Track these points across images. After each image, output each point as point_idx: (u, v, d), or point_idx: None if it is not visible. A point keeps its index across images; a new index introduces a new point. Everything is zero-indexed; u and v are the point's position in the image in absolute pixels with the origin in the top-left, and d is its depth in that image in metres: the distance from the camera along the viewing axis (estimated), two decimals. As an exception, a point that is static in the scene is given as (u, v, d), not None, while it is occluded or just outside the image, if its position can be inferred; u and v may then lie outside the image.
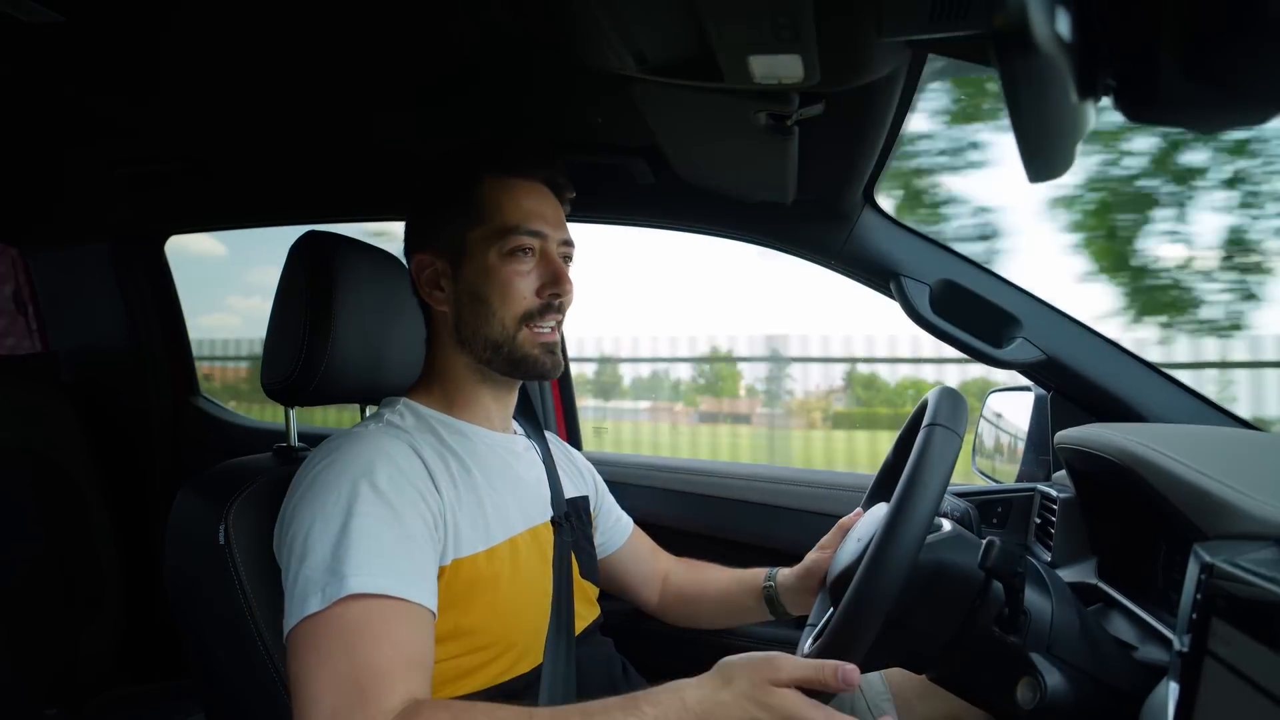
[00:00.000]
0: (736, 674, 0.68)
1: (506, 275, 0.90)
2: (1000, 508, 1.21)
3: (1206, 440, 0.81)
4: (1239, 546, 0.61)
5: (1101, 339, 1.17)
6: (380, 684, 0.67)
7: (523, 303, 0.90)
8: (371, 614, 0.71)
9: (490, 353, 0.91)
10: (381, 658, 0.69)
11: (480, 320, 0.90)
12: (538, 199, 0.94)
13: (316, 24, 0.86)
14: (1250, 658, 0.52)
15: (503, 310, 0.90)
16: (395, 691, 0.68)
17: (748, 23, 0.64)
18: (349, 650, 0.69)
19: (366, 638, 0.69)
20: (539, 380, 0.97)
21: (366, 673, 0.68)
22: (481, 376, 0.95)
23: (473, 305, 0.91)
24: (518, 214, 0.91)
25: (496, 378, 0.95)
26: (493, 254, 0.90)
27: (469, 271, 0.91)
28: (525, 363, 0.92)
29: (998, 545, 0.74)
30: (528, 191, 0.93)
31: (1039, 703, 0.73)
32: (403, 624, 0.72)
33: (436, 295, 0.93)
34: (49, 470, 1.61)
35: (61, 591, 1.59)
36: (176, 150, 1.35)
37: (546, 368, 0.93)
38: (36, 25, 0.87)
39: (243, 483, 0.89)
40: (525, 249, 0.90)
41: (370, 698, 0.66)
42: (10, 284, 2.08)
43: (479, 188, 0.92)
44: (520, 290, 0.90)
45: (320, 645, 0.70)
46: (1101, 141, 4.44)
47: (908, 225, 1.25)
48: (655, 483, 1.50)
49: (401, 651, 0.70)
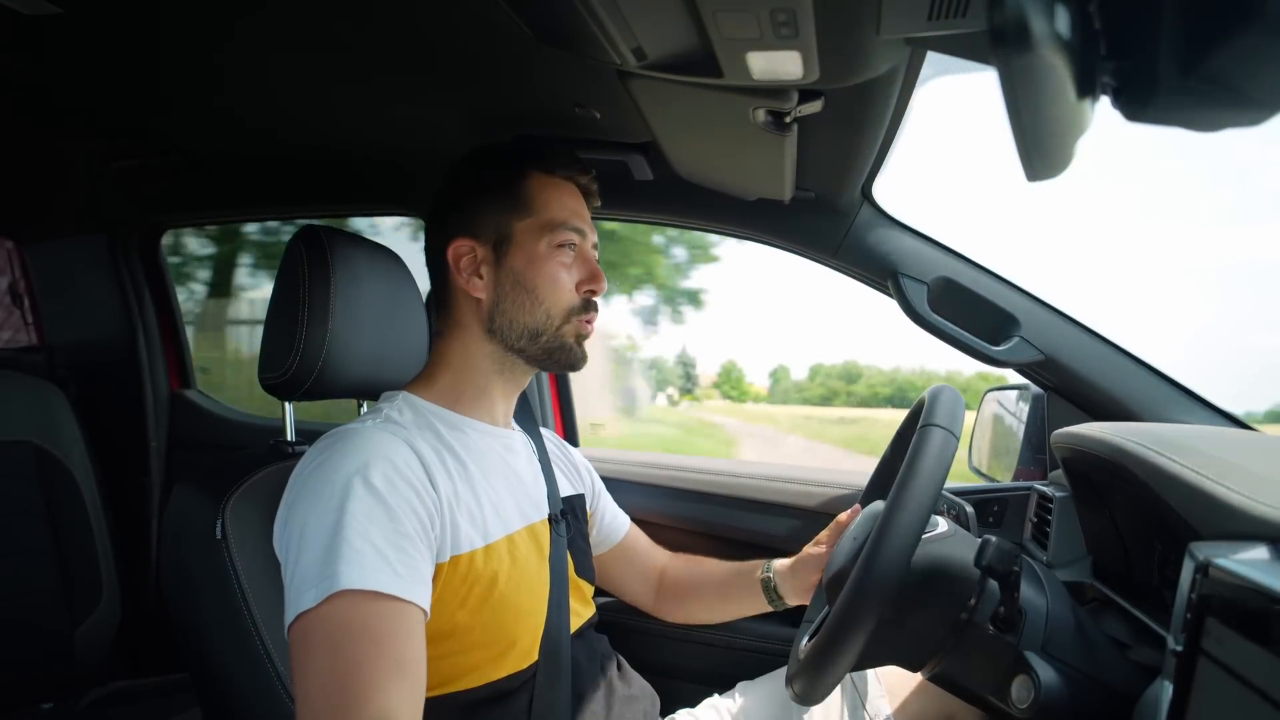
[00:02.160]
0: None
1: (554, 267, 0.93)
2: (996, 506, 1.21)
3: (1202, 440, 0.81)
4: (1234, 546, 0.62)
5: (1099, 338, 1.17)
6: (364, 689, 0.67)
7: (568, 295, 0.94)
8: (361, 611, 0.70)
9: (525, 341, 0.94)
10: (365, 657, 0.68)
11: (521, 308, 0.93)
12: (577, 199, 0.99)
13: (314, 18, 0.86)
14: (1244, 657, 0.52)
15: (550, 300, 0.93)
16: (374, 699, 0.67)
17: (747, 20, 0.63)
18: (337, 649, 0.69)
19: (354, 636, 0.69)
20: (567, 371, 0.99)
21: (353, 675, 0.67)
22: (500, 368, 0.96)
23: (515, 293, 0.93)
24: (564, 211, 0.95)
25: (516, 369, 0.97)
26: (543, 244, 0.93)
27: (516, 260, 0.93)
28: (560, 351, 0.95)
29: (994, 544, 0.74)
30: (570, 191, 0.98)
31: (1034, 701, 0.73)
32: (393, 622, 0.71)
33: (475, 282, 0.95)
34: (45, 463, 1.60)
35: (58, 585, 1.58)
36: (173, 143, 1.35)
37: (578, 358, 0.97)
38: (33, 18, 0.87)
39: (240, 477, 0.89)
40: (570, 244, 0.95)
41: (349, 704, 0.66)
42: (6, 277, 2.08)
43: (526, 181, 0.95)
44: (565, 283, 0.94)
45: (311, 642, 0.70)
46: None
47: (906, 224, 1.25)
48: (651, 480, 1.50)
49: (389, 652, 0.70)
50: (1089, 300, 47.20)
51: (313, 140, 1.28)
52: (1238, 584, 0.55)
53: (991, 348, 1.19)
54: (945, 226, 53.44)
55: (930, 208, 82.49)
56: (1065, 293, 35.09)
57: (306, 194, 1.59)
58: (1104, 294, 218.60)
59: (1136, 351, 1.15)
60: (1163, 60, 0.36)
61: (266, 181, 1.53)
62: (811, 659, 0.72)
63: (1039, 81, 0.36)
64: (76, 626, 1.59)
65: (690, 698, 1.13)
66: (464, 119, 1.12)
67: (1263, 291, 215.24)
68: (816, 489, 1.39)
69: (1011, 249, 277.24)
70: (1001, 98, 0.38)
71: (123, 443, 1.88)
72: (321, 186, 1.53)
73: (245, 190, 1.58)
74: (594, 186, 1.02)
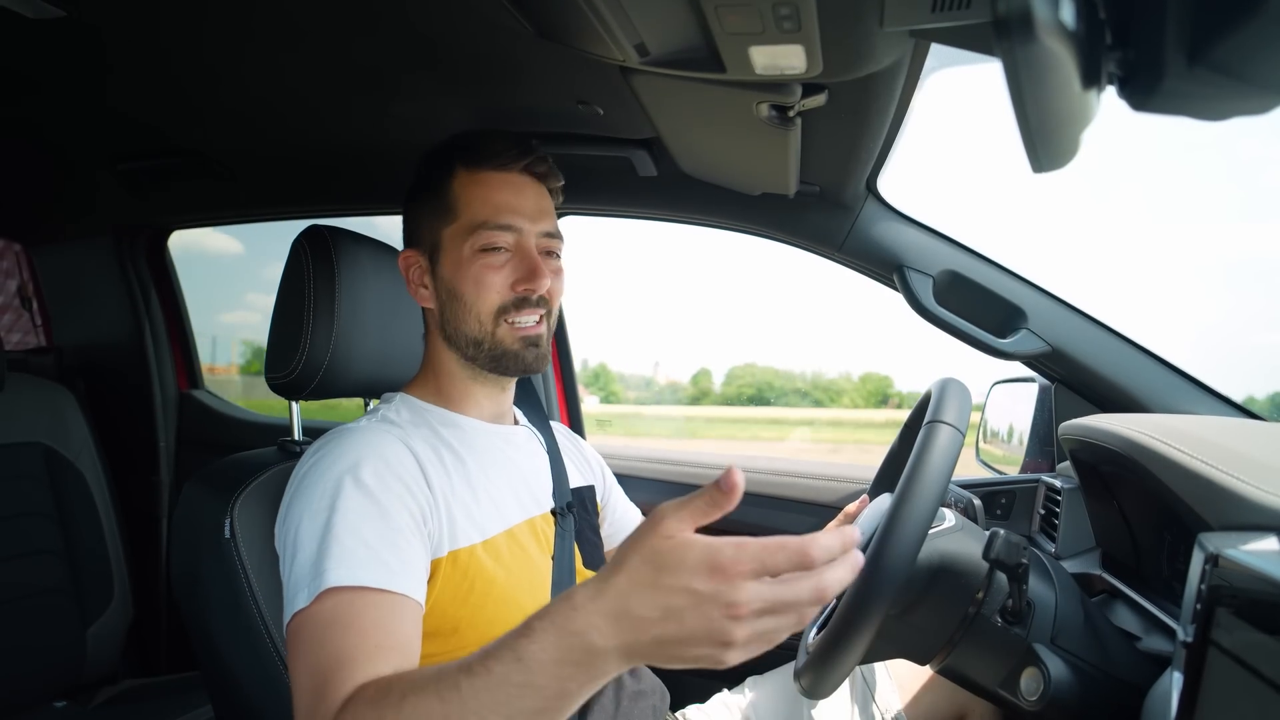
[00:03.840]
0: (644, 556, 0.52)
1: (478, 271, 0.89)
2: (1004, 499, 1.21)
3: (1210, 430, 0.80)
4: (1243, 536, 0.61)
5: (1105, 329, 1.16)
6: (341, 671, 0.66)
7: (496, 297, 0.90)
8: (348, 606, 0.70)
9: (472, 349, 0.92)
10: (348, 646, 0.68)
11: (459, 318, 0.91)
12: (513, 191, 0.92)
13: (317, 18, 0.86)
14: (1254, 647, 0.52)
15: (478, 306, 0.90)
16: (353, 678, 0.66)
17: (749, 14, 0.63)
18: (322, 643, 0.69)
19: (339, 628, 0.69)
20: (523, 375, 0.96)
21: (333, 662, 0.67)
22: (471, 373, 0.95)
23: (451, 303, 0.91)
24: (487, 209, 0.90)
25: (484, 374, 0.95)
26: (465, 249, 0.90)
27: (446, 269, 0.91)
28: (506, 358, 0.92)
29: (1002, 536, 0.74)
30: (501, 184, 0.92)
31: (1043, 693, 0.73)
32: (378, 613, 0.71)
33: (422, 293, 0.94)
34: (54, 464, 1.62)
35: (69, 585, 1.60)
36: (179, 145, 1.35)
37: (528, 362, 0.93)
38: (39, 21, 0.87)
39: (248, 476, 0.90)
40: (496, 245, 0.90)
41: (330, 686, 0.65)
42: (15, 279, 2.09)
43: (452, 183, 0.92)
44: (493, 285, 0.90)
45: (303, 639, 0.70)
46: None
47: (911, 217, 1.24)
48: (662, 475, 1.50)
49: (368, 639, 0.69)
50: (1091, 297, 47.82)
51: (317, 140, 1.29)
52: (1248, 574, 0.54)
53: (998, 340, 1.19)
54: (951, 221, 53.61)
55: (936, 202, 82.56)
56: (1068, 291, 35.15)
57: (311, 194, 1.59)
58: (1102, 292, 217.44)
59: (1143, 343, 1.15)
60: (1169, 48, 0.36)
61: (271, 181, 1.53)
62: (820, 653, 0.72)
63: (1044, 72, 0.36)
64: (88, 626, 1.61)
65: (700, 693, 1.13)
66: (467, 117, 1.12)
67: (1268, 290, 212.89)
68: (828, 484, 1.39)
69: (1017, 244, 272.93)
70: (1006, 89, 0.38)
71: (132, 443, 1.89)
72: (326, 186, 1.54)
73: (250, 190, 1.58)
74: (542, 167, 0.95)
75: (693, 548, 0.51)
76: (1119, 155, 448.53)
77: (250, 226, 1.82)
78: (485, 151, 0.92)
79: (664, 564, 0.51)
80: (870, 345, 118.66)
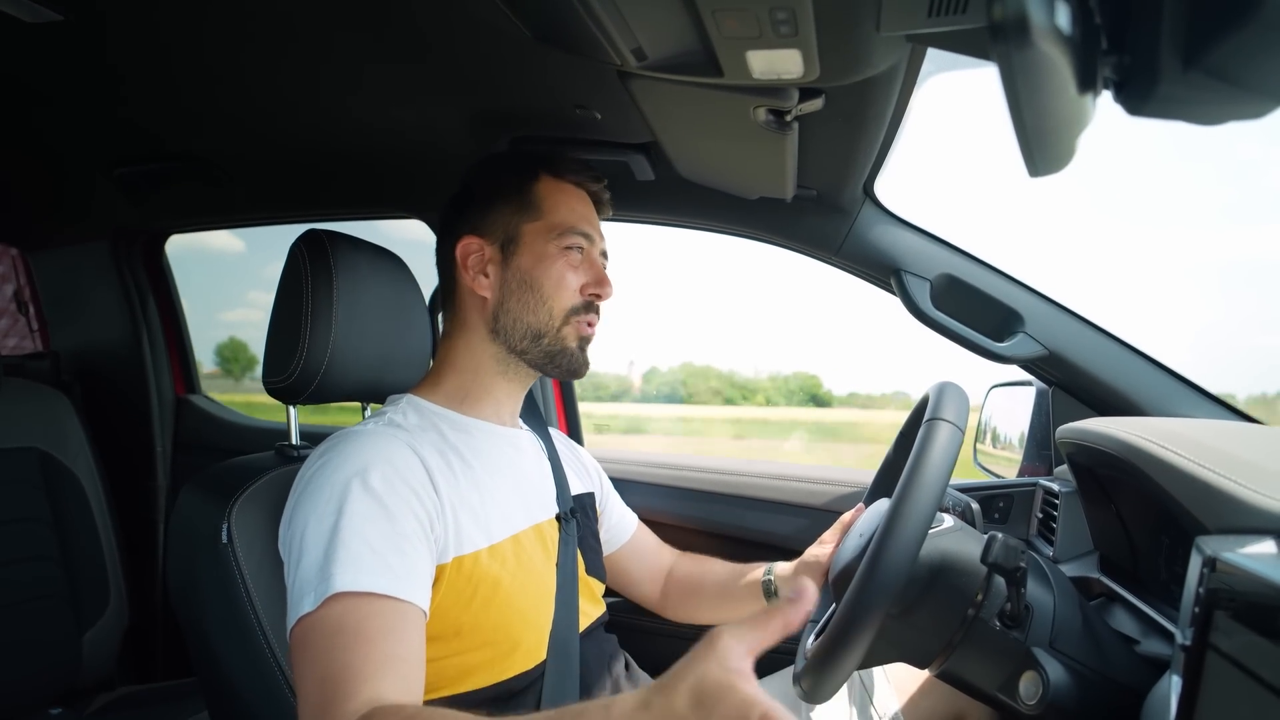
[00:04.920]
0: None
1: (561, 267, 0.94)
2: (1002, 502, 1.21)
3: (1208, 434, 0.81)
4: (1241, 539, 0.61)
5: (1103, 333, 1.17)
6: (348, 684, 0.66)
7: (571, 296, 0.95)
8: (355, 612, 0.70)
9: (528, 342, 0.94)
10: (356, 656, 0.68)
11: (526, 308, 0.94)
12: (586, 205, 1.00)
13: (316, 21, 0.86)
14: (1253, 651, 0.52)
15: (554, 300, 0.94)
16: (361, 692, 0.66)
17: (746, 18, 0.63)
18: (329, 650, 0.69)
19: (346, 636, 0.69)
20: (568, 377, 0.98)
21: (341, 672, 0.67)
22: (504, 369, 0.97)
23: (521, 292, 0.94)
24: (573, 215, 0.97)
25: (519, 372, 0.97)
26: (551, 245, 0.94)
27: (523, 260, 0.95)
28: (560, 355, 0.95)
29: (1000, 540, 0.74)
30: (580, 198, 1.00)
31: (1042, 697, 0.73)
32: (387, 620, 0.71)
33: (481, 280, 0.95)
34: (51, 469, 1.61)
35: (66, 590, 1.59)
36: (176, 149, 1.35)
37: (579, 362, 0.97)
38: (36, 25, 0.87)
39: (245, 481, 0.90)
40: (578, 247, 0.96)
41: (338, 698, 0.66)
42: (11, 284, 2.09)
43: (537, 185, 0.97)
44: (570, 284, 0.95)
45: (309, 645, 0.70)
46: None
47: (908, 221, 1.25)
48: (658, 480, 1.50)
49: (377, 649, 0.69)
50: (1088, 301, 47.96)
51: (314, 144, 1.29)
52: (1246, 578, 0.54)
53: (995, 344, 1.19)
54: (948, 225, 53.57)
55: (932, 206, 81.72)
56: (1065, 294, 35.22)
57: (309, 198, 1.59)
58: (1099, 296, 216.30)
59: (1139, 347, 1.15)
60: (1164, 53, 0.36)
61: (268, 186, 1.53)
62: (818, 656, 0.72)
63: (1039, 77, 0.36)
64: (84, 632, 1.60)
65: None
66: (465, 121, 1.12)
67: (1263, 292, 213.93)
68: (823, 487, 1.39)
69: (1014, 248, 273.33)
70: (1003, 94, 0.38)
71: (128, 448, 1.88)
72: (323, 190, 1.54)
73: (247, 195, 1.58)
74: (605, 195, 1.04)
75: (734, 692, 0.48)
76: (1116, 159, 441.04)
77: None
78: (568, 165, 1.00)
79: (703, 700, 0.49)
80: (801, 345, 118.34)
